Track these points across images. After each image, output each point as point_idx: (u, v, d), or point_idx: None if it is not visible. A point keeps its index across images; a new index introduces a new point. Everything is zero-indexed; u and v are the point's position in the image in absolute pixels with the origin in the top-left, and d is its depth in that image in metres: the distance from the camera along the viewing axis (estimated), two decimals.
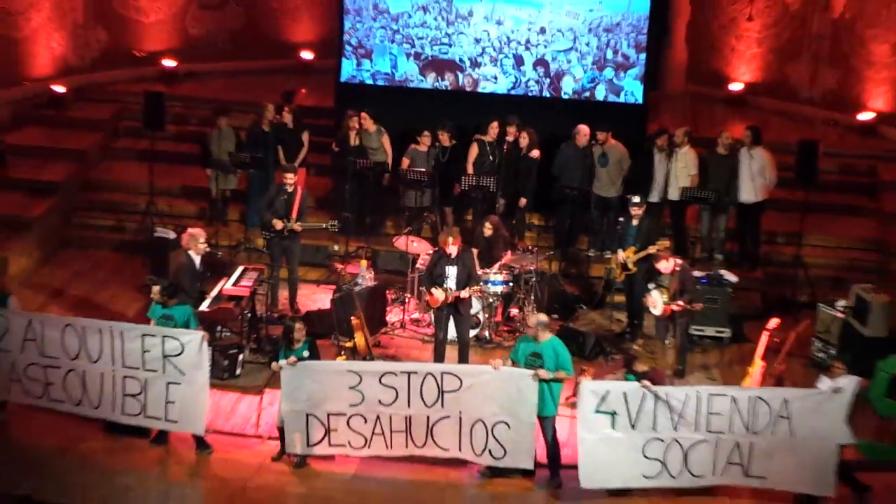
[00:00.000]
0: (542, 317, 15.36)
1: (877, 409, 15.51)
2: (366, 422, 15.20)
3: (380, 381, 15.08)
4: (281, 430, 15.44)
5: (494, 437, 15.06)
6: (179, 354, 15.32)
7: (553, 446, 15.23)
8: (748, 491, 15.18)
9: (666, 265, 17.66)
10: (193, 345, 15.32)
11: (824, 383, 15.07)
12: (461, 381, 15.02)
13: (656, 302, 17.75)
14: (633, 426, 14.77)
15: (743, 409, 14.76)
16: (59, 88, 23.48)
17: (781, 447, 14.81)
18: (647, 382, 14.71)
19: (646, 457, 14.85)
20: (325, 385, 15.21)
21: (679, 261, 17.93)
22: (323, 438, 15.32)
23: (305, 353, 15.46)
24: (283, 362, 15.15)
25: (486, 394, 15.02)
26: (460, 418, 15.11)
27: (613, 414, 14.75)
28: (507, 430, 14.99)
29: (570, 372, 15.20)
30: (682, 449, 14.85)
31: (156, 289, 16.15)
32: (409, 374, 15.14)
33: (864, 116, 23.47)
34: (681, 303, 17.46)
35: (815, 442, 14.76)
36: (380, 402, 15.10)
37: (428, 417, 15.14)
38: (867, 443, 15.21)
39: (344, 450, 15.40)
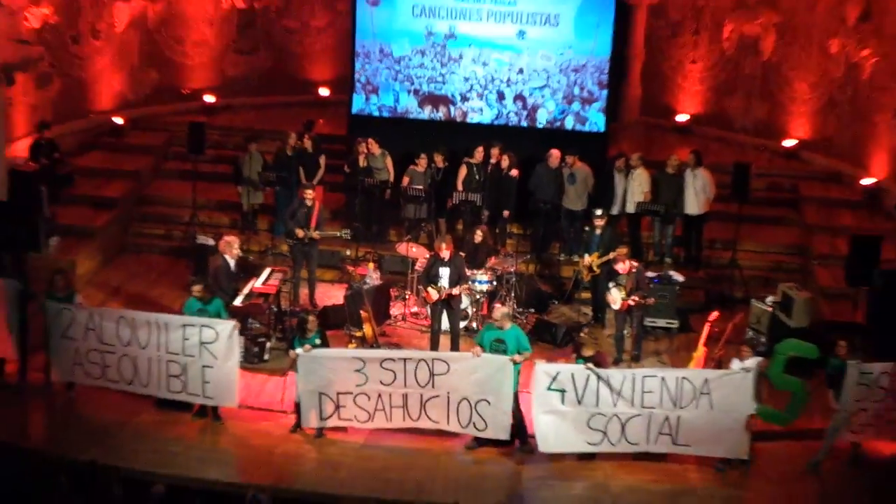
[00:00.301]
0: (506, 309, 15.81)
1: (774, 383, 15.55)
2: (369, 399, 15.22)
3: (381, 365, 15.10)
4: (297, 405, 15.38)
5: (477, 412, 15.12)
6: (214, 342, 15.30)
7: (519, 418, 15.26)
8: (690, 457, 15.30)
9: (623, 266, 17.57)
10: (226, 333, 15.32)
11: (736, 364, 15.20)
12: (448, 366, 15.10)
13: (616, 298, 17.62)
14: (579, 402, 14.92)
15: (671, 387, 14.92)
16: (118, 120, 23.25)
17: (703, 419, 14.97)
18: (591, 365, 14.92)
19: (590, 427, 15.02)
20: (334, 369, 15.23)
21: (635, 263, 17.83)
22: (333, 413, 15.35)
23: (317, 342, 15.50)
24: (298, 350, 15.15)
25: (470, 376, 15.07)
26: (448, 397, 15.15)
27: (563, 391, 14.93)
28: (488, 406, 15.07)
29: (531, 351, 15.40)
30: (621, 421, 14.97)
31: (197, 287, 16.10)
32: (405, 360, 15.19)
33: (788, 143, 23.30)
34: (636, 298, 17.43)
35: (730, 414, 14.95)
36: (381, 382, 15.12)
37: (421, 395, 15.16)
38: (764, 409, 15.29)
39: (351, 423, 15.43)
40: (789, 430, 15.85)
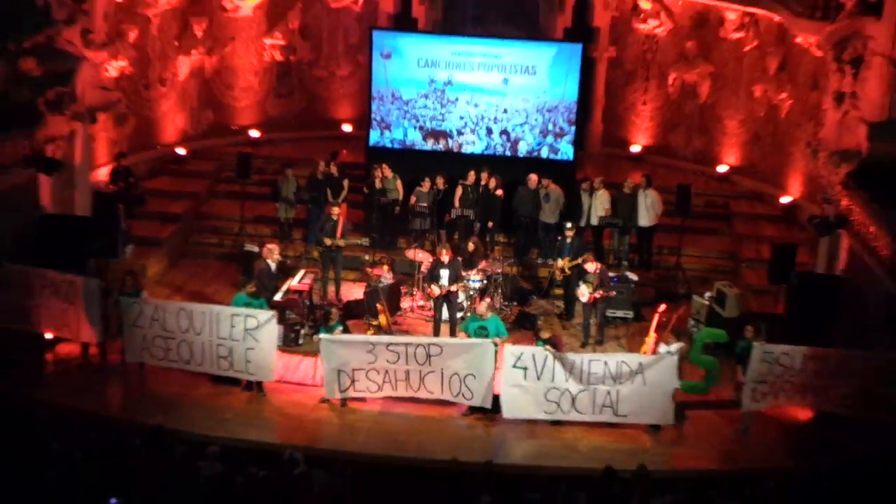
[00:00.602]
0: (487, 302, 16.21)
1: (694, 362, 16.14)
2: (378, 374, 15.29)
3: (387, 348, 15.18)
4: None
5: (465, 385, 15.29)
6: (256, 328, 15.34)
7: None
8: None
9: (591, 266, 17.71)
10: (266, 321, 15.40)
11: (663, 349, 15.47)
12: (442, 348, 15.19)
13: (584, 293, 17.66)
14: (538, 378, 15.09)
15: (612, 368, 15.07)
16: (181, 150, 23.16)
17: (637, 394, 15.14)
18: (549, 347, 15.19)
19: (546, 399, 15.16)
20: (350, 351, 15.28)
21: (599, 265, 17.93)
22: (350, 386, 15.43)
23: (339, 329, 15.74)
24: (322, 336, 15.34)
25: (459, 356, 15.19)
26: (442, 372, 15.24)
27: (525, 369, 15.11)
28: (474, 380, 15.24)
29: (507, 336, 15.95)
30: (572, 395, 15.10)
31: (250, 286, 16.22)
32: (406, 344, 15.25)
33: (721, 168, 23.20)
34: (601, 292, 17.56)
35: (659, 388, 15.14)
36: (388, 361, 15.19)
37: (420, 371, 15.24)
38: (685, 382, 15.69)
39: (364, 393, 15.58)
40: (710, 400, 16.24)
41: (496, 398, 15.33)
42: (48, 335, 16.32)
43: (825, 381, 15.09)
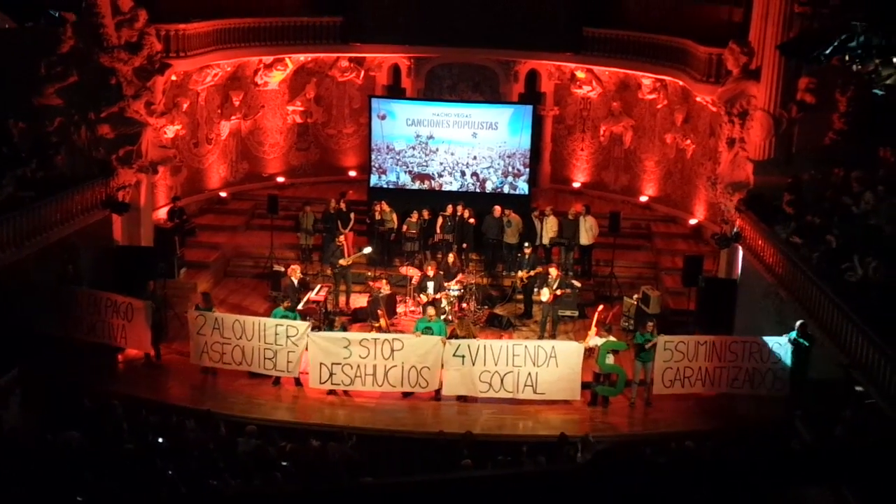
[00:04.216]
0: (432, 309, 15.75)
1: (601, 369, 15.26)
2: (351, 368, 14.76)
3: (360, 343, 14.76)
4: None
5: (422, 375, 14.79)
6: (296, 335, 14.97)
7: None
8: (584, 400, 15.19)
9: (554, 273, 17.44)
10: (304, 329, 15.07)
11: (591, 341, 15.20)
12: (403, 343, 14.78)
13: (545, 293, 17.26)
14: (473, 363, 14.71)
15: (531, 353, 14.72)
16: (223, 194, 22.80)
17: (552, 374, 14.75)
18: (478, 339, 15.27)
19: (480, 380, 14.78)
20: (330, 346, 14.86)
21: (559, 272, 17.70)
22: (328, 379, 14.91)
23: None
24: (311, 334, 15.01)
25: (416, 351, 14.78)
26: (402, 365, 14.74)
27: (463, 357, 14.69)
28: (428, 371, 14.79)
29: (446, 335, 15.16)
30: (500, 376, 14.75)
31: (286, 303, 15.95)
32: (374, 340, 14.87)
33: (643, 198, 22.96)
34: (558, 292, 17.19)
35: (568, 369, 14.74)
36: (360, 356, 14.73)
37: (385, 366, 14.74)
38: (601, 387, 15.19)
39: (339, 386, 14.99)
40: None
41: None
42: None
43: (716, 364, 14.80)
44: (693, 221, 21.44)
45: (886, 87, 12.77)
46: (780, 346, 14.48)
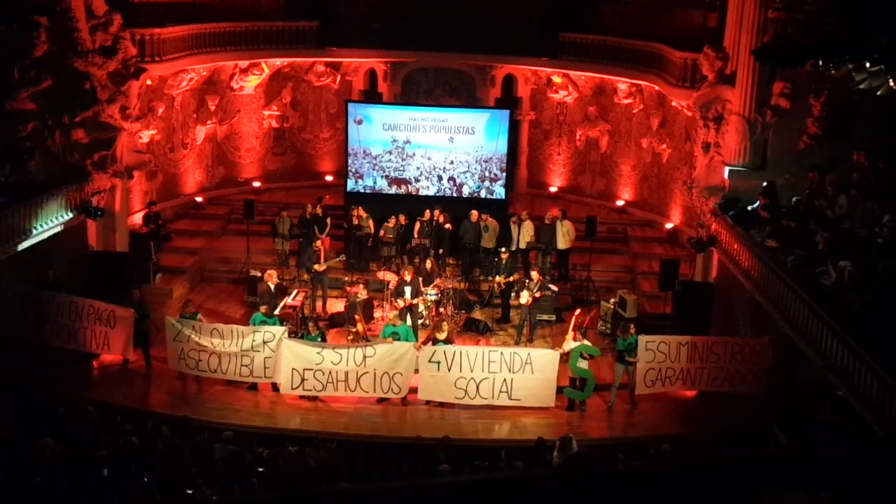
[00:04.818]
0: (395, 314, 15.86)
1: (572, 371, 15.17)
2: (323, 374, 14.65)
3: (333, 350, 14.65)
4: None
5: (394, 381, 14.67)
6: (272, 341, 14.85)
7: None
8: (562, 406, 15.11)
9: (535, 276, 17.44)
10: (280, 335, 14.95)
11: (567, 344, 15.04)
12: (375, 350, 14.65)
13: (525, 296, 17.23)
14: (448, 369, 14.58)
15: (507, 359, 14.58)
16: (199, 198, 22.63)
17: (527, 380, 14.59)
18: (455, 344, 15.06)
19: (456, 387, 14.64)
20: (303, 353, 14.74)
21: (539, 276, 17.72)
22: (300, 385, 14.77)
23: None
24: (285, 340, 14.88)
25: (387, 357, 14.65)
26: (375, 372, 14.62)
27: (438, 362, 14.58)
28: (400, 376, 14.68)
29: (416, 340, 15.15)
30: (476, 382, 14.62)
31: (264, 307, 15.82)
32: (347, 348, 14.75)
33: (620, 203, 23.03)
34: (538, 294, 17.19)
35: (543, 376, 14.60)
36: (332, 362, 14.60)
37: (357, 373, 14.62)
38: (570, 391, 15.15)
39: (311, 392, 14.89)
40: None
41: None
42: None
43: (697, 365, 14.91)
44: (669, 225, 21.51)
45: (860, 91, 12.86)
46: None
